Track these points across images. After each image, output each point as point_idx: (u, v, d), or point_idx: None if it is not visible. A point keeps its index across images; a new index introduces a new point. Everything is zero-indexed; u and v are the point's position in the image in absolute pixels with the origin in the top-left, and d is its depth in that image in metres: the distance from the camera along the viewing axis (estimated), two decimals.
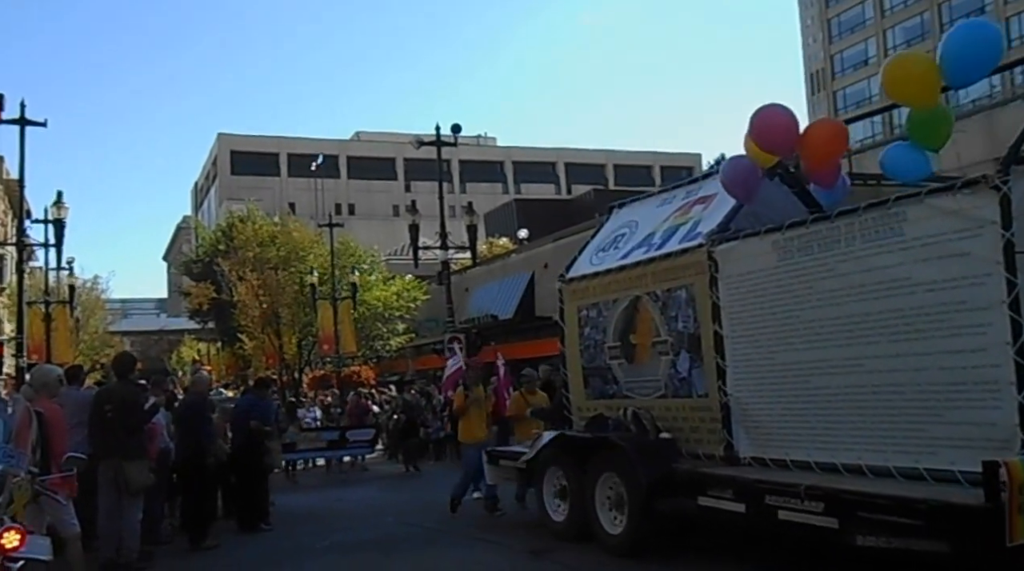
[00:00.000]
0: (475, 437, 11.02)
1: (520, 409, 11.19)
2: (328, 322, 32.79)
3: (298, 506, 12.76)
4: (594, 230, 9.70)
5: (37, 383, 7.43)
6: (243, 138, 71.10)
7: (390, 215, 64.85)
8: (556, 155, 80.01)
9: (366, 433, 18.12)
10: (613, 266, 8.24)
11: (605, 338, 8.33)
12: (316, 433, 17.85)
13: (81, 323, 44.53)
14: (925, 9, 65.77)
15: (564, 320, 9.11)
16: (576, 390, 8.90)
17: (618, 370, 8.21)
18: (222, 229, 45.27)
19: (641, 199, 9.48)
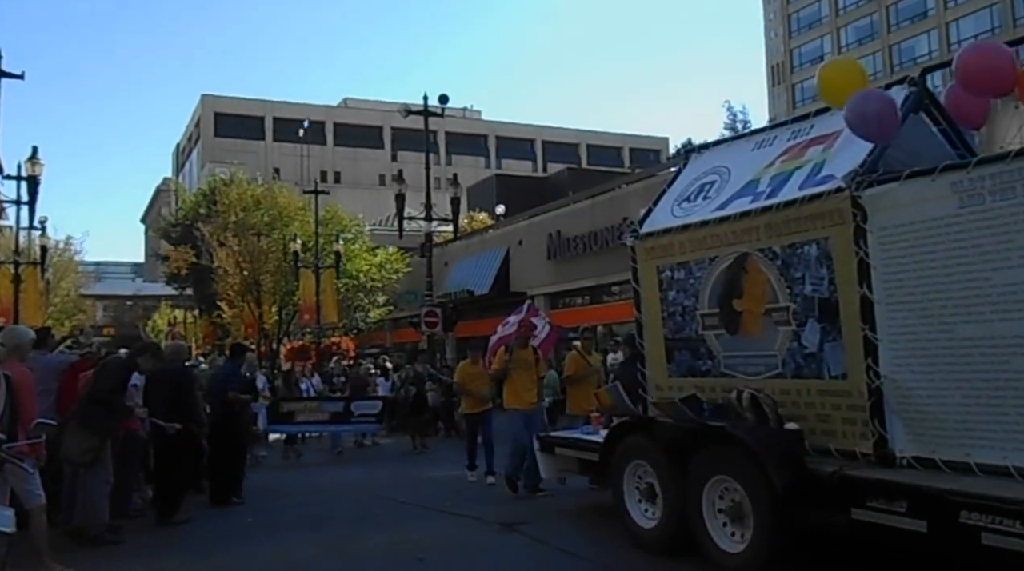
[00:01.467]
0: (522, 402, 9.97)
1: (579, 368, 10.49)
2: (310, 291, 32.06)
3: (275, 481, 12.39)
4: (671, 177, 8.14)
5: (9, 344, 6.94)
6: (228, 100, 69.59)
7: (376, 184, 63.62)
8: (535, 132, 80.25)
9: (373, 405, 16.06)
10: (708, 218, 6.76)
11: (697, 304, 6.87)
12: (318, 403, 15.90)
13: (52, 285, 42.77)
14: (875, 11, 70.42)
15: (639, 282, 7.62)
16: (655, 365, 7.39)
17: (715, 343, 6.74)
18: (204, 192, 44.08)
19: (725, 143, 7.98)
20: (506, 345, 10.41)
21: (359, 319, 37.04)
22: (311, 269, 32.26)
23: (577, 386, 10.49)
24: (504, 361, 10.16)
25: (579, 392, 10.40)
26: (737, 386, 6.37)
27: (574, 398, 10.50)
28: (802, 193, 5.93)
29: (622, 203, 26.52)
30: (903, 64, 67.44)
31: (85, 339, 19.95)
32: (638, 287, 7.67)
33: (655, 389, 7.41)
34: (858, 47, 71.14)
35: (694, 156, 8.08)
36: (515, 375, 10.04)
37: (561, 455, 8.20)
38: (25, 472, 5.97)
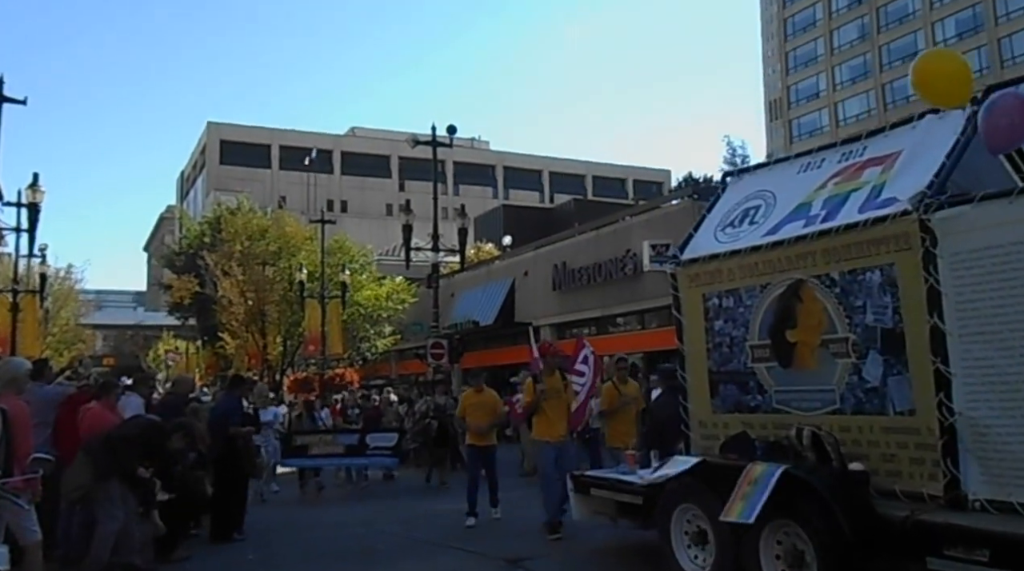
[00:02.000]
0: (552, 433, 9.28)
1: (612, 401, 10.20)
2: (315, 322, 31.88)
3: (279, 516, 12.21)
4: (710, 203, 7.82)
5: (4, 377, 6.79)
6: (234, 127, 69.46)
7: (383, 214, 63.48)
8: (543, 163, 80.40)
9: (388, 438, 15.26)
10: (759, 243, 6.39)
11: (747, 334, 6.47)
12: (332, 436, 15.24)
13: (51, 314, 42.35)
14: (868, 50, 72.22)
15: (681, 310, 7.28)
16: (698, 399, 6.94)
17: (766, 376, 6.31)
18: (209, 221, 43.82)
19: (766, 166, 7.65)
20: (534, 374, 9.76)
21: (365, 349, 36.70)
22: (317, 299, 32.02)
23: (615, 418, 10.23)
24: (537, 392, 9.39)
25: (617, 424, 10.15)
26: (790, 422, 5.94)
27: (613, 430, 10.26)
28: (863, 216, 5.56)
29: (626, 235, 26.43)
30: (896, 102, 68.70)
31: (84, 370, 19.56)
32: (680, 316, 7.32)
33: (698, 425, 6.94)
34: (852, 85, 72.96)
35: (732, 180, 7.77)
36: (545, 404, 9.38)
37: (597, 496, 7.62)
38: (20, 508, 5.82)
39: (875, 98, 70.40)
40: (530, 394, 9.55)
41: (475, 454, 10.73)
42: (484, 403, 10.77)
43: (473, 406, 10.78)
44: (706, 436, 6.79)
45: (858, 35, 72.65)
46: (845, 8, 73.83)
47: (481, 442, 10.57)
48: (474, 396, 10.93)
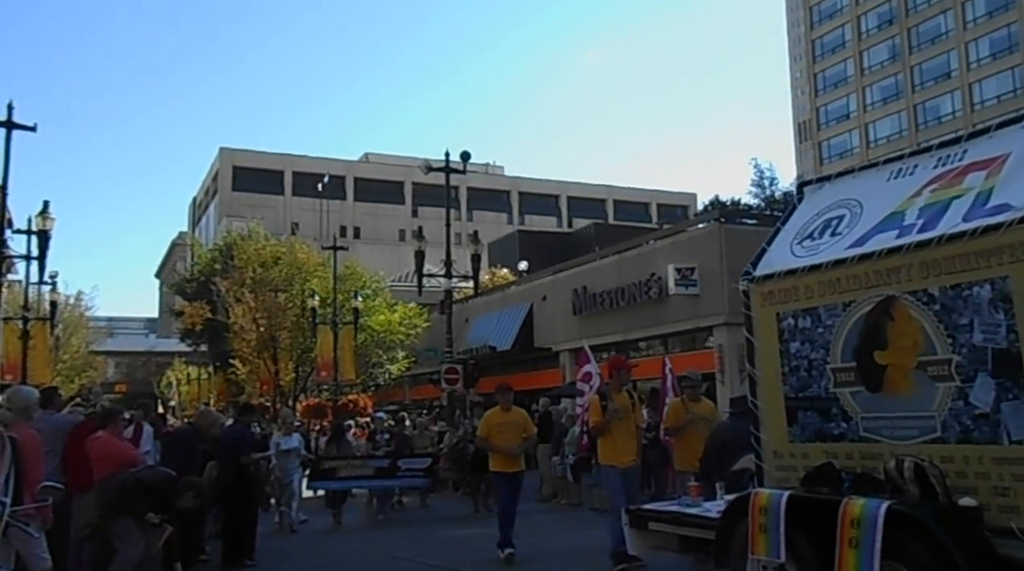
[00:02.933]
0: (620, 458, 8.57)
1: (678, 418, 9.55)
2: (328, 348, 31.73)
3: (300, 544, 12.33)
4: (784, 214, 7.26)
5: (15, 407, 7.05)
6: (246, 153, 69.77)
7: (396, 240, 63.38)
8: (559, 188, 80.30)
9: (421, 462, 15.04)
10: (843, 257, 5.81)
11: (828, 357, 5.90)
12: (361, 460, 14.97)
13: (62, 342, 42.13)
14: (899, 71, 71.83)
15: (753, 331, 6.69)
16: (773, 428, 6.36)
17: (851, 402, 5.69)
18: (220, 247, 43.79)
19: (849, 174, 6.99)
20: (600, 392, 9.04)
21: (378, 375, 36.40)
22: (329, 326, 31.79)
23: (681, 438, 9.58)
24: (609, 411, 8.55)
25: (683, 444, 9.52)
26: (879, 452, 5.38)
27: (681, 452, 9.61)
28: (971, 225, 5.02)
29: (650, 259, 26.16)
30: (927, 123, 68.44)
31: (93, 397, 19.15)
32: (752, 337, 6.71)
33: (772, 456, 6.34)
34: (883, 106, 72.52)
35: (811, 190, 7.19)
36: (613, 425, 8.65)
37: (656, 530, 6.94)
38: (31, 536, 5.82)
39: (907, 119, 70.26)
40: (597, 414, 8.71)
41: (503, 482, 9.76)
42: (513, 423, 9.83)
43: (500, 426, 9.79)
44: (782, 467, 6.22)
45: (889, 55, 72.38)
46: (875, 29, 73.71)
47: (510, 468, 9.67)
48: (500, 415, 9.89)
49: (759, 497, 5.50)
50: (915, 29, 70.14)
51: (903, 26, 70.51)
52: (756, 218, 33.44)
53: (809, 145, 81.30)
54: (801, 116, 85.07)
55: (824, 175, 7.27)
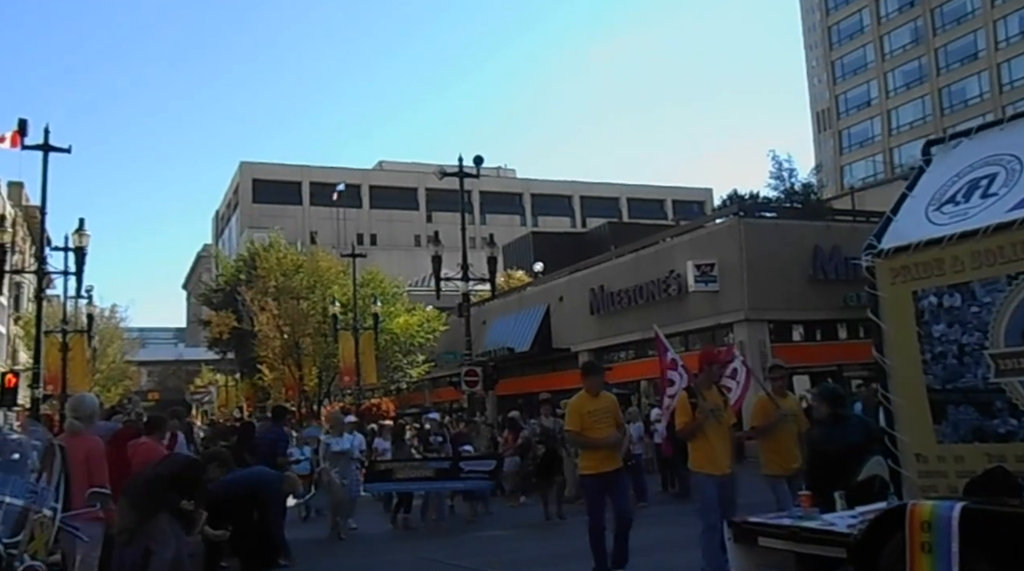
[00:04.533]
0: (716, 465, 7.36)
1: (767, 416, 8.10)
2: (349, 353, 32.32)
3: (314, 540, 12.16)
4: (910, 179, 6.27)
5: (82, 415, 7.01)
6: (265, 166, 70.89)
7: (412, 245, 64.03)
8: (572, 188, 79.97)
9: (485, 464, 13.71)
10: (1004, 221, 4.95)
11: (986, 340, 5.11)
12: (420, 462, 13.76)
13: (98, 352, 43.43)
14: (923, 54, 68.44)
15: (882, 314, 5.77)
16: (915, 426, 5.45)
17: (1021, 393, 4.89)
18: (244, 258, 44.76)
19: (995, 126, 6.03)
20: (689, 388, 7.69)
21: (399, 379, 37.12)
22: (350, 331, 32.46)
23: (770, 439, 8.14)
24: (703, 411, 7.35)
25: (773, 446, 8.10)
26: None
27: (770, 454, 8.13)
28: None
29: (667, 256, 26.36)
30: (953, 107, 66.11)
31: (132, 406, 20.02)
32: (880, 321, 5.77)
33: (915, 460, 5.42)
34: (906, 91, 70.27)
35: (941, 149, 6.19)
36: (707, 427, 7.42)
37: (768, 547, 5.83)
38: (81, 541, 5.77)
39: (931, 103, 67.82)
40: (686, 413, 7.47)
41: (600, 486, 7.84)
42: (605, 410, 7.88)
43: (593, 415, 7.80)
44: (927, 473, 5.34)
45: (911, 39, 69.84)
46: (896, 12, 71.11)
47: (609, 466, 7.81)
48: (590, 401, 7.91)
49: (919, 509, 4.46)
50: (939, 9, 67.24)
51: (926, 7, 67.67)
52: (775, 211, 33.41)
53: (828, 134, 79.04)
54: (819, 105, 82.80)
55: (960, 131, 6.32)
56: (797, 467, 7.87)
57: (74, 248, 22.24)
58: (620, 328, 27.79)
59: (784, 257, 23.32)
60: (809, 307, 23.54)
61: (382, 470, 13.26)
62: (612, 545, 7.77)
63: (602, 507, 7.78)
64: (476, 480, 13.31)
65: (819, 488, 6.04)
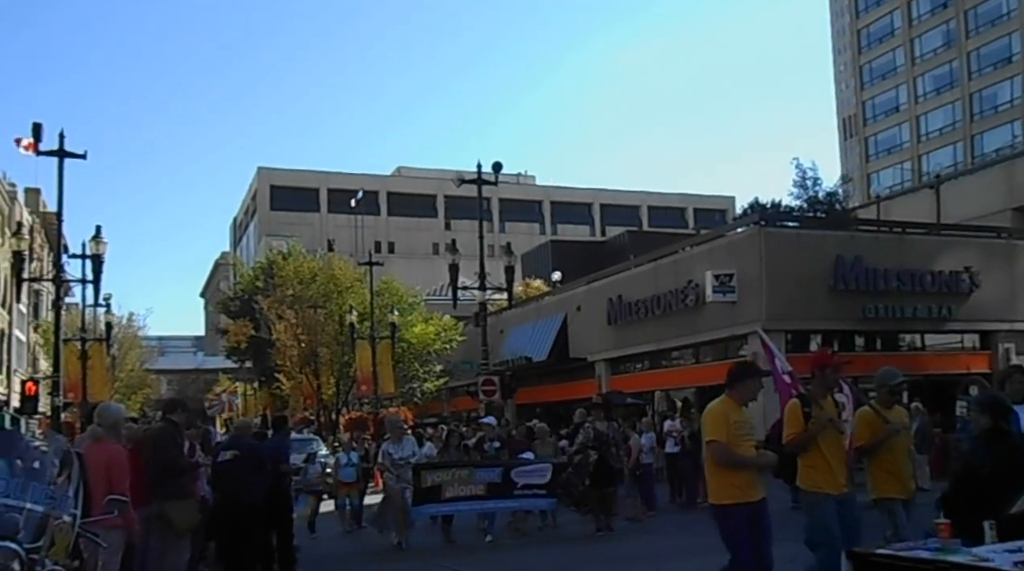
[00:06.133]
0: (832, 482, 6.37)
1: (874, 432, 6.82)
2: (367, 362, 32.45)
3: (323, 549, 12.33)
4: None
5: (106, 423, 7.25)
6: (283, 172, 71.01)
7: (429, 253, 64.14)
8: (592, 196, 79.65)
9: (539, 472, 12.51)
10: None
11: None
12: (469, 471, 12.37)
13: (117, 361, 43.75)
14: (954, 57, 66.78)
15: None
16: None
17: None
18: (262, 266, 45.01)
19: None
20: (802, 395, 6.90)
21: (416, 389, 37.14)
22: (367, 340, 32.52)
23: (881, 457, 6.86)
24: (817, 420, 6.38)
25: (886, 465, 6.83)
26: None
27: (879, 473, 6.87)
28: None
29: (687, 265, 26.20)
30: (983, 113, 64.70)
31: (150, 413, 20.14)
32: None
33: None
34: (936, 96, 68.57)
35: None
36: (821, 440, 6.42)
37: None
38: (101, 547, 5.69)
39: (961, 109, 66.11)
40: (798, 424, 6.42)
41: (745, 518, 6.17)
42: (750, 424, 6.53)
43: (740, 427, 6.31)
44: None
45: (943, 42, 67.59)
46: (928, 14, 68.82)
47: (756, 494, 6.30)
48: (737, 410, 6.39)
49: None
50: (972, 11, 64.84)
51: (959, 8, 65.16)
52: (798, 221, 33.22)
53: (855, 141, 77.54)
54: (846, 111, 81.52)
55: None
56: (912, 487, 7.01)
57: (91, 256, 22.38)
58: (637, 338, 27.72)
59: (805, 267, 23.15)
60: (829, 317, 23.36)
61: (429, 487, 12.02)
62: None
63: (749, 547, 6.12)
64: (533, 498, 12.42)
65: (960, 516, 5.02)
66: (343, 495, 15.06)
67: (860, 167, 74.14)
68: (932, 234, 27.09)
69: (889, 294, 23.58)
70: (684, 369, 26.27)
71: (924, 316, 23.82)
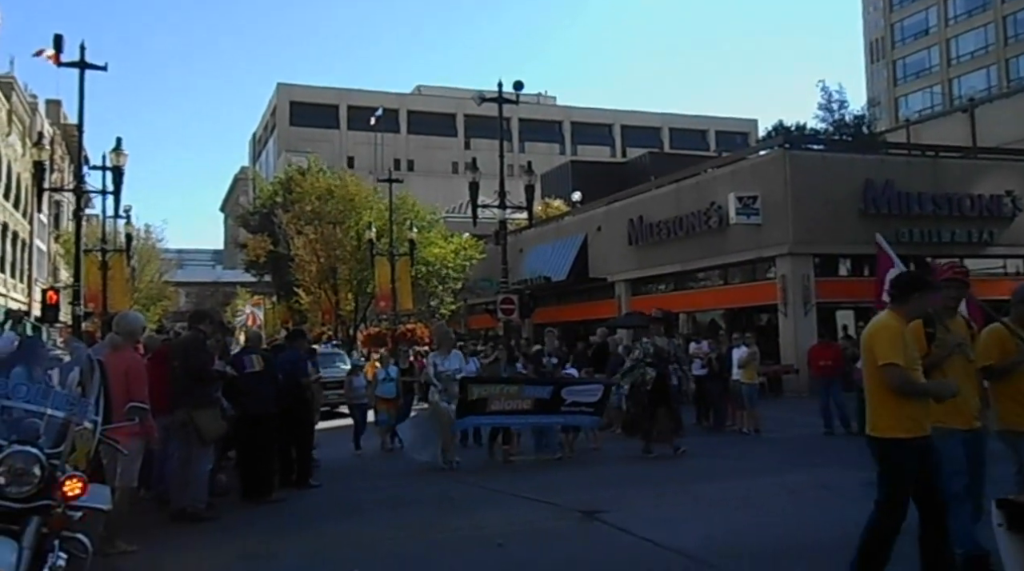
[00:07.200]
0: (961, 416, 5.47)
1: (1004, 351, 5.67)
2: (385, 279, 32.44)
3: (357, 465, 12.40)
4: None
5: (123, 331, 7.32)
6: (303, 88, 70.30)
7: (449, 172, 63.61)
8: (613, 117, 78.55)
9: (591, 391, 12.20)
10: None
11: None
12: (518, 387, 12.08)
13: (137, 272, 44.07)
14: None
15: None
16: None
17: None
18: (281, 181, 44.87)
19: None
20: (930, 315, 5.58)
21: (434, 307, 37.28)
22: (386, 257, 32.52)
23: (1010, 383, 5.74)
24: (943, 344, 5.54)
25: (1012, 391, 5.72)
26: None
27: (1009, 404, 5.71)
28: None
29: (709, 187, 25.91)
30: (1018, 36, 63.14)
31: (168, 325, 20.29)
32: None
33: None
34: (967, 19, 67.21)
35: None
36: (948, 365, 5.53)
37: None
38: (122, 454, 5.89)
39: (994, 32, 64.68)
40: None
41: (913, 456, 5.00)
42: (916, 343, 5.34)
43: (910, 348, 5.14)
44: None
45: None
46: None
47: (928, 428, 5.08)
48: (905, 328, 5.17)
49: None
50: None
51: None
52: (824, 144, 32.53)
53: (882, 65, 76.06)
54: (873, 34, 79.51)
55: None
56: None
57: (112, 167, 22.23)
58: (659, 259, 27.55)
59: (832, 191, 22.71)
60: (859, 241, 22.95)
61: (474, 400, 11.63)
62: None
63: (908, 491, 5.06)
64: (579, 415, 12.06)
65: None
66: (382, 411, 14.20)
67: (887, 91, 72.52)
68: (968, 158, 26.51)
69: (924, 218, 23.14)
70: (710, 291, 26.08)
71: (963, 241, 23.39)
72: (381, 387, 14.26)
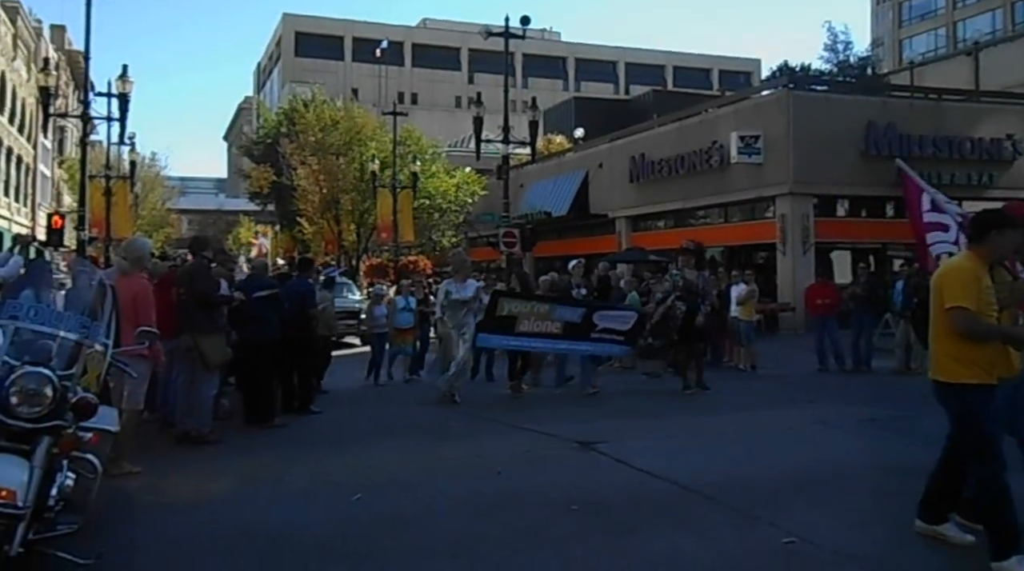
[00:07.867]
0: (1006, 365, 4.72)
1: None
2: (387, 210, 32.59)
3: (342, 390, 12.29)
4: None
5: (131, 257, 7.39)
6: (308, 19, 69.31)
7: (452, 106, 63.10)
8: (617, 54, 77.48)
9: (623, 318, 11.56)
10: None
11: None
12: (549, 307, 11.32)
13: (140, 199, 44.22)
14: None
15: None
16: None
17: None
18: (285, 111, 44.63)
19: None
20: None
21: (436, 238, 37.51)
22: (388, 189, 32.62)
23: None
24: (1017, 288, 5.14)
25: None
26: None
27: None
28: None
29: (712, 126, 25.85)
30: None
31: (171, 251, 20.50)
32: None
33: None
34: None
35: None
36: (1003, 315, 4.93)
37: None
38: (131, 376, 6.01)
39: None
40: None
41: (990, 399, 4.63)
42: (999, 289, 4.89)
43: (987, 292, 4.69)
44: None
45: None
46: None
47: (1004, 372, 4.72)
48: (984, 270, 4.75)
49: None
50: None
51: None
52: (827, 84, 32.15)
53: (887, 6, 74.64)
54: None
55: None
56: None
57: (117, 94, 22.26)
58: (660, 197, 27.62)
59: (834, 131, 22.66)
60: (859, 183, 23.04)
61: (503, 316, 10.95)
62: None
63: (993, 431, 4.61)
64: (610, 344, 11.47)
65: None
66: (399, 343, 13.76)
67: (892, 33, 71.08)
68: (971, 101, 26.39)
69: (925, 160, 23.11)
70: (711, 228, 26.22)
71: (963, 183, 23.34)
72: (398, 317, 13.79)
